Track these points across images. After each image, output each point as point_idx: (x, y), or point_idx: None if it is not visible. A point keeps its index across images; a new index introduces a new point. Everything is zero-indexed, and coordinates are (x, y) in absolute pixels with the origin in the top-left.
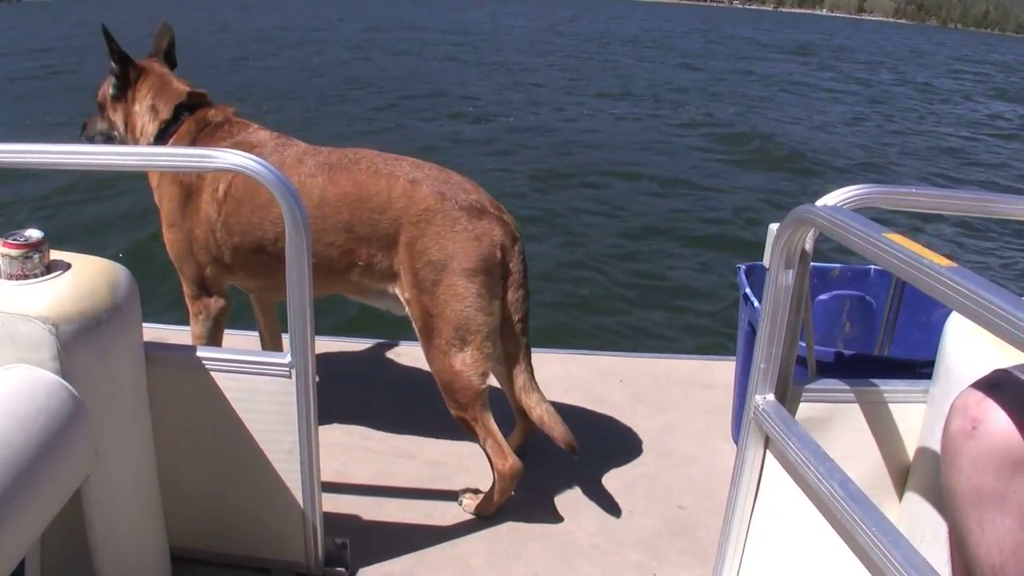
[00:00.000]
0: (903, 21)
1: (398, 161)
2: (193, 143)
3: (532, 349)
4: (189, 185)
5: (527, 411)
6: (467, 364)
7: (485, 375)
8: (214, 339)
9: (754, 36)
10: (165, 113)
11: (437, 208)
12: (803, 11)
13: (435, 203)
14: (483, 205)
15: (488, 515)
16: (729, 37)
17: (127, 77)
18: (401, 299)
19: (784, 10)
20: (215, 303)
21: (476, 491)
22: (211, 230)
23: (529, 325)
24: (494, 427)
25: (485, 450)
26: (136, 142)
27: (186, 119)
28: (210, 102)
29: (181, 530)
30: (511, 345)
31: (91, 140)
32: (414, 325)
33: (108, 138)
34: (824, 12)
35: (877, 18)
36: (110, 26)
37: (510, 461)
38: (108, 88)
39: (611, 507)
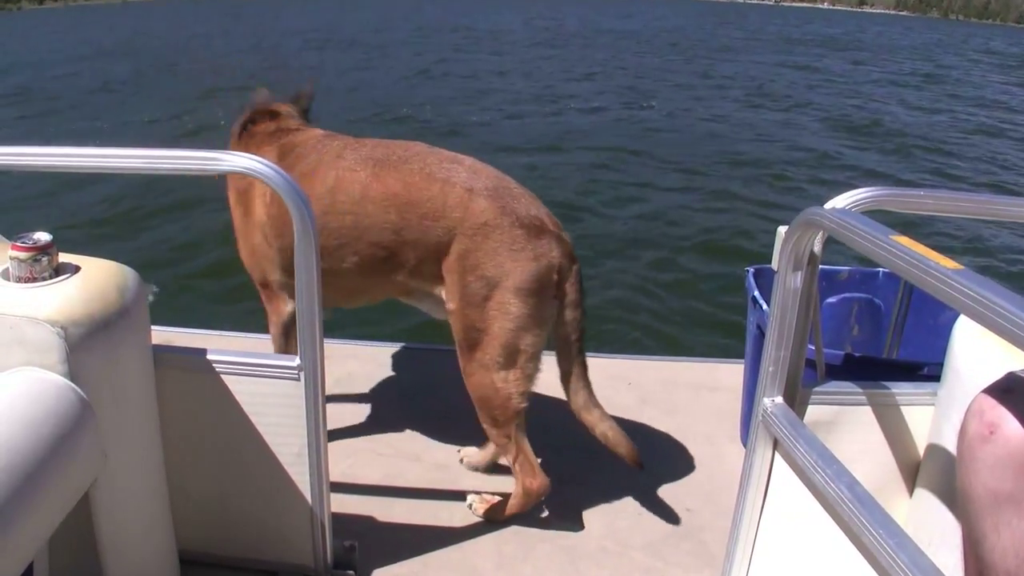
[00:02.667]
0: (904, 13)
1: (454, 164)
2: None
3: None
4: (244, 192)
5: (590, 428)
6: (509, 383)
7: (526, 395)
8: (285, 344)
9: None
10: (236, 131)
11: (496, 224)
12: (805, 5)
13: (494, 218)
14: (543, 222)
15: (497, 521)
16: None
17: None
18: (445, 304)
19: (785, 4)
20: (285, 308)
21: (485, 494)
22: (264, 234)
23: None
24: (526, 446)
25: (514, 467)
26: None
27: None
28: (266, 115)
29: (189, 532)
30: (568, 364)
31: None
32: (455, 334)
33: None
34: (826, 6)
35: (879, 11)
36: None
37: (539, 480)
38: None
39: (618, 510)
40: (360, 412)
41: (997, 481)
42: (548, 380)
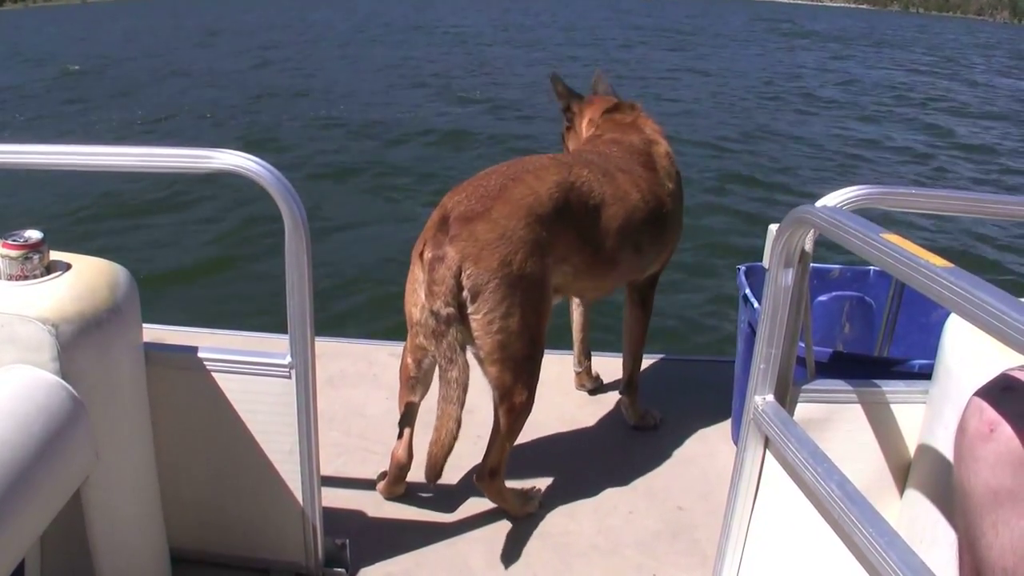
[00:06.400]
0: (864, 6)
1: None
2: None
3: None
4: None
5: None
6: None
7: None
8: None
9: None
10: (595, 122)
11: None
12: None
13: None
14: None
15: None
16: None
17: (571, 110)
18: None
19: None
20: None
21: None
22: None
23: None
24: None
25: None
26: None
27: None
28: (623, 107)
29: (180, 531)
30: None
31: None
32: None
33: None
34: None
35: (839, 4)
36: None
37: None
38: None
39: (610, 508)
40: (352, 410)
41: (997, 479)
42: (541, 378)
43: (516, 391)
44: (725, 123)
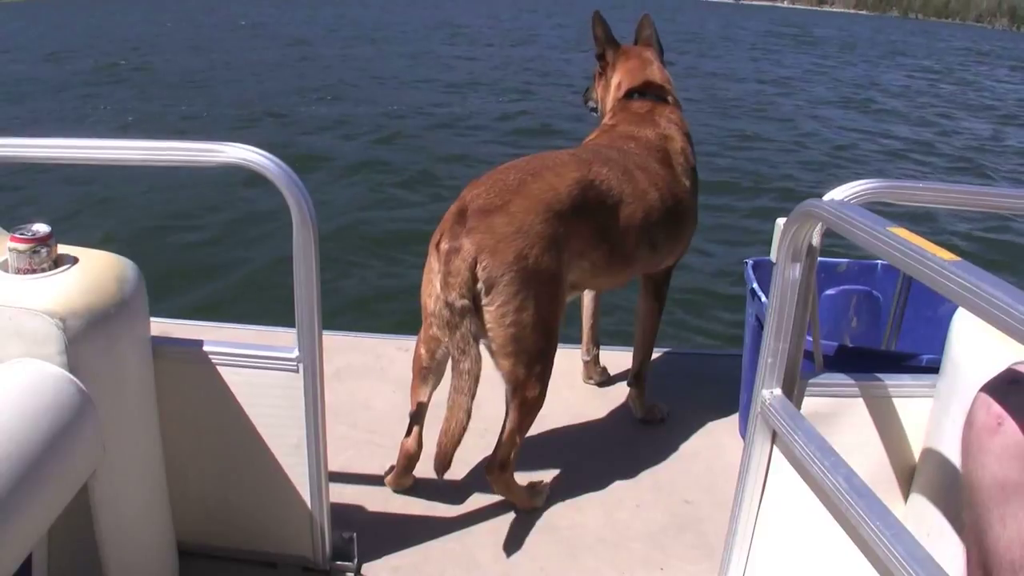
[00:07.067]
0: (864, 12)
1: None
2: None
3: None
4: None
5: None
6: None
7: None
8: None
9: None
10: (620, 93)
11: None
12: (764, 3)
13: None
14: None
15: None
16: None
17: (605, 58)
18: None
19: (745, 2)
20: None
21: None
22: None
23: None
24: None
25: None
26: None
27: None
28: (650, 90)
29: (188, 524)
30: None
31: (586, 105)
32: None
33: (594, 108)
34: (785, 4)
35: (838, 9)
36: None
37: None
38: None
39: (617, 501)
40: (359, 404)
41: (1005, 472)
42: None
43: (529, 385)
44: (727, 122)
